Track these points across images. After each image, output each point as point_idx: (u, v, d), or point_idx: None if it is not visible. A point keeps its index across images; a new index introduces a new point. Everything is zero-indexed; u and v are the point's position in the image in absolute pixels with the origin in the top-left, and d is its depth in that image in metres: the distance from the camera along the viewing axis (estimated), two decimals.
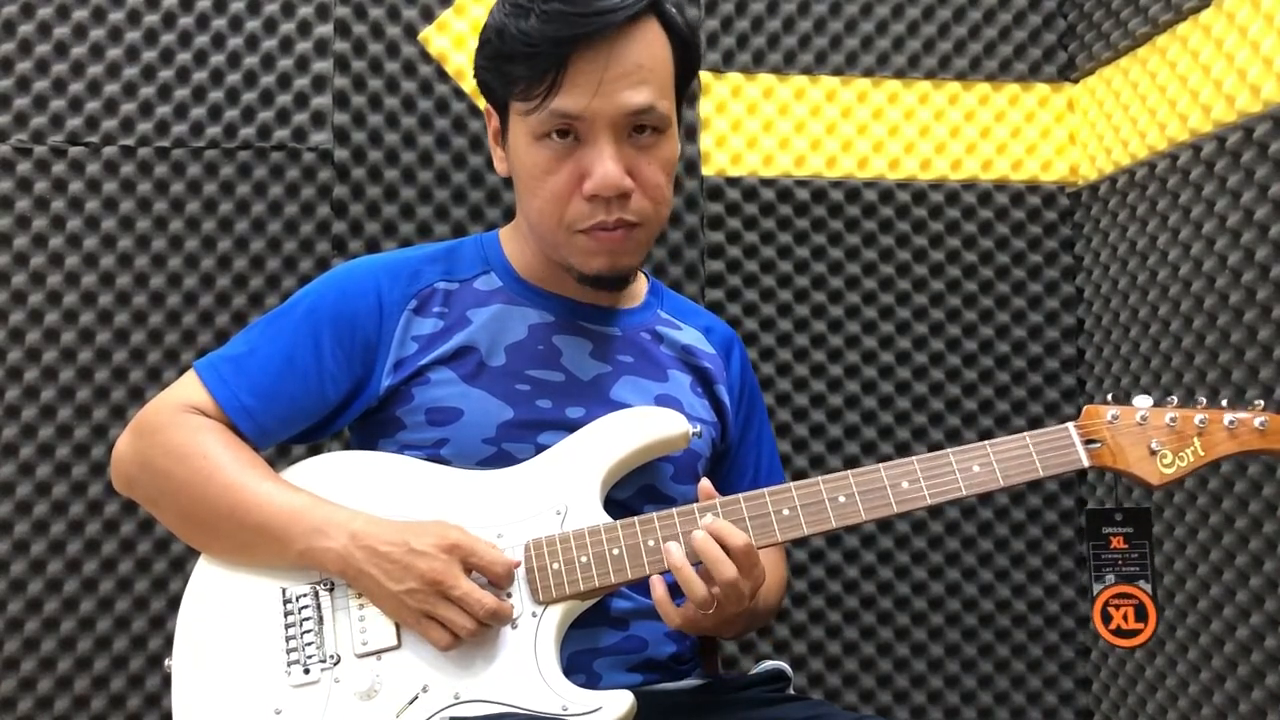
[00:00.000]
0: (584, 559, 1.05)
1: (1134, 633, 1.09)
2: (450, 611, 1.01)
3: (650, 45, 1.09)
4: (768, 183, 1.86)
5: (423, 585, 1.01)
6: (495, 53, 1.11)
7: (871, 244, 1.87)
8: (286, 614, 1.07)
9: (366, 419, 1.18)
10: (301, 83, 1.78)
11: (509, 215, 1.76)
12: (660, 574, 1.03)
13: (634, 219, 1.11)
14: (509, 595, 1.05)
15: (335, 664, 1.04)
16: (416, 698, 1.02)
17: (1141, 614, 1.09)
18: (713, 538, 1.01)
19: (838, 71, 1.89)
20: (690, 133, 1.84)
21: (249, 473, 1.09)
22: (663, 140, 1.12)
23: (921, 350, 1.87)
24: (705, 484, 1.07)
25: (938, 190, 1.89)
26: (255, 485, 1.08)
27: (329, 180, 1.78)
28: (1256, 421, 1.05)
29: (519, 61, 1.07)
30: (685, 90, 1.17)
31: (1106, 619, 1.09)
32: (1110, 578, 1.10)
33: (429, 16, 1.81)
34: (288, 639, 1.06)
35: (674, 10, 1.12)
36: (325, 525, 1.05)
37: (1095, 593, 1.10)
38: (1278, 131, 1.45)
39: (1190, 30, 1.62)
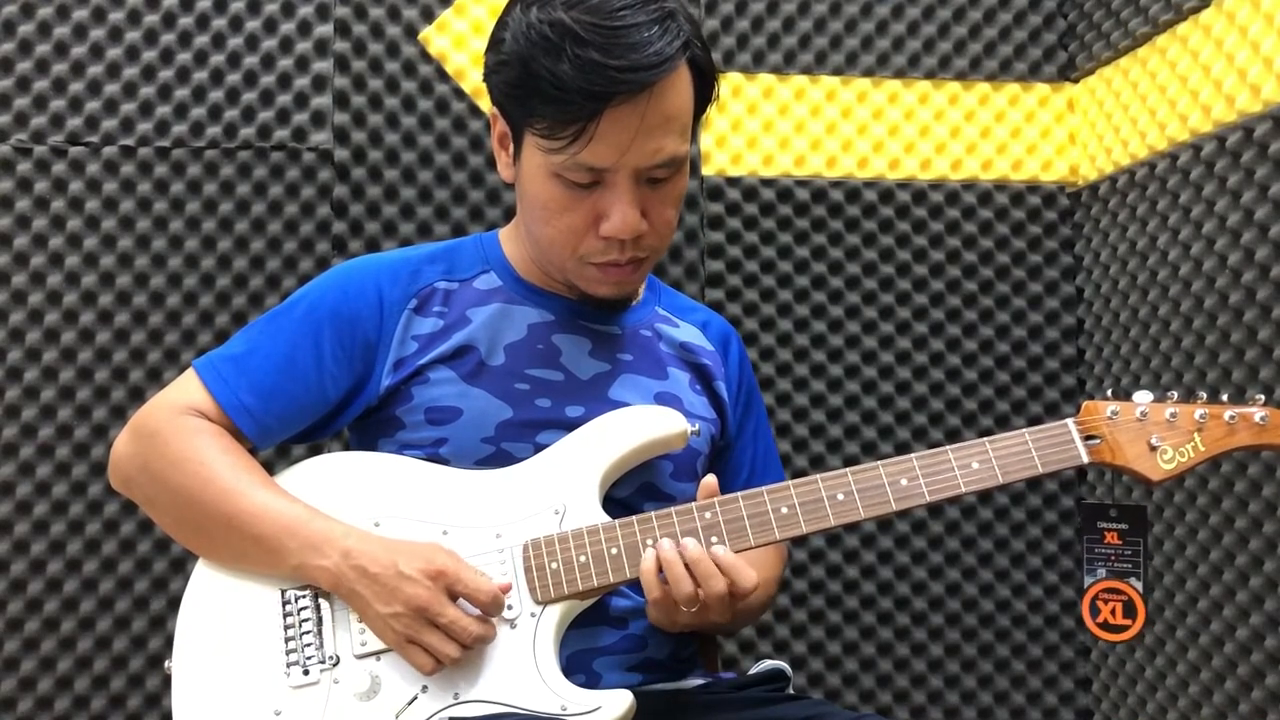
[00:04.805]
0: (582, 558, 1.04)
1: (1121, 628, 1.08)
2: (434, 638, 1.00)
3: (680, 92, 1.06)
4: (768, 183, 1.86)
5: (408, 611, 1.00)
6: (517, 82, 1.05)
7: (871, 244, 1.87)
8: (286, 615, 1.06)
9: (366, 418, 1.18)
10: (301, 83, 1.78)
11: (509, 215, 1.75)
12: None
13: (644, 254, 1.12)
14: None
15: (334, 665, 1.04)
16: (415, 698, 1.02)
17: (1130, 611, 1.08)
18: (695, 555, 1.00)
19: (838, 71, 1.89)
20: None
21: (245, 480, 1.08)
22: (677, 177, 1.11)
23: (921, 350, 1.87)
24: (709, 480, 1.06)
25: (938, 190, 1.89)
26: (251, 494, 1.07)
27: (329, 180, 1.78)
28: (1257, 416, 1.04)
29: (546, 103, 1.02)
30: (701, 117, 1.15)
31: (1095, 612, 1.09)
32: (1101, 572, 1.09)
33: (429, 16, 1.81)
34: (287, 640, 1.05)
35: (699, 48, 1.08)
36: (319, 542, 1.04)
37: (1085, 586, 1.10)
38: (1278, 131, 1.45)
39: (1190, 30, 1.62)
